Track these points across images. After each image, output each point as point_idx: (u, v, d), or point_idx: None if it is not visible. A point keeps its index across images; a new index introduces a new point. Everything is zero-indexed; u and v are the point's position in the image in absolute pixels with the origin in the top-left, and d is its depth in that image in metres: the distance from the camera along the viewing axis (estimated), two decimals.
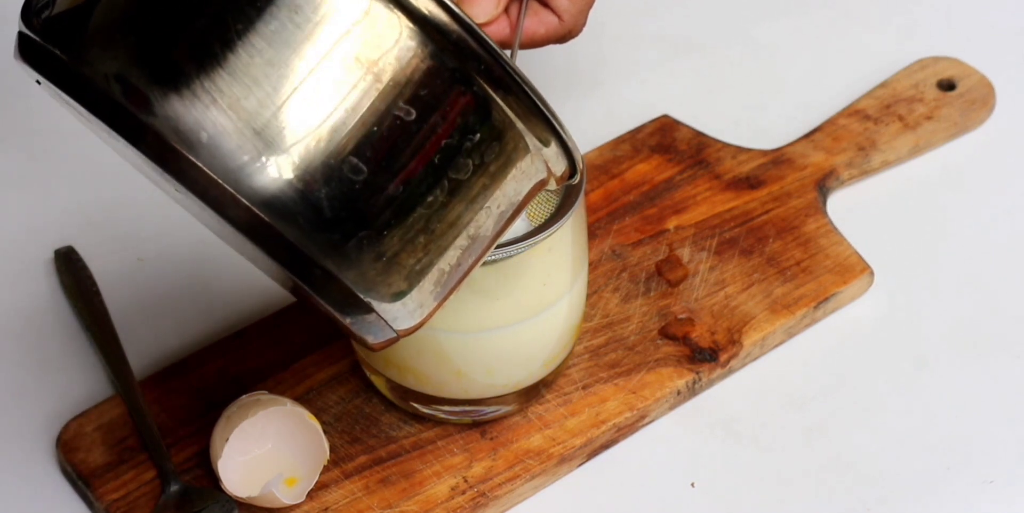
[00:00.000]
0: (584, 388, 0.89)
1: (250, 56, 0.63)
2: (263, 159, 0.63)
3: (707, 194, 0.98)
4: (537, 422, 0.88)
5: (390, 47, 0.64)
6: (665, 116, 1.02)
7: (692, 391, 0.90)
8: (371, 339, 0.69)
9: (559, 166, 0.71)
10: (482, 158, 0.67)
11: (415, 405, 0.88)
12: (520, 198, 0.70)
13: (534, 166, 0.69)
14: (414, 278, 0.68)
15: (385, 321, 0.69)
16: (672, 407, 0.90)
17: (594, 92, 1.06)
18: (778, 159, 1.00)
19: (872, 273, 0.95)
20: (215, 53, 0.63)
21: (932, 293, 0.96)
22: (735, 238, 0.96)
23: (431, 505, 0.85)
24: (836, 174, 0.99)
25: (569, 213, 0.79)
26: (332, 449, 0.87)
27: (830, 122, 1.02)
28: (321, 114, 0.64)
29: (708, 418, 0.90)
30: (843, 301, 0.95)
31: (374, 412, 0.89)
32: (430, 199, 0.66)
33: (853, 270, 0.94)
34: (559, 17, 0.85)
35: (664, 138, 1.01)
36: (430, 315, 0.70)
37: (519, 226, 0.82)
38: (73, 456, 0.87)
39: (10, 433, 0.90)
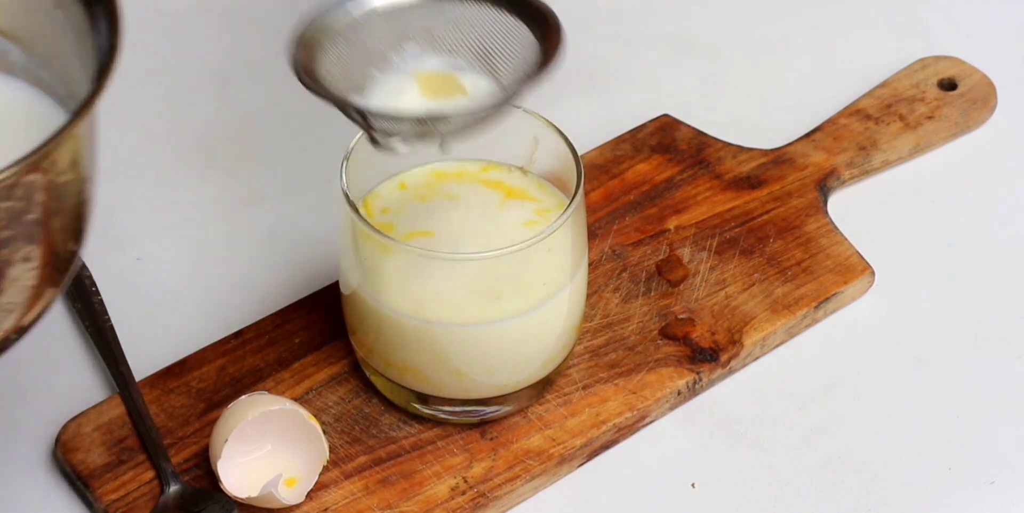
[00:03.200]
0: (584, 388, 0.89)
1: None
2: None
3: (707, 194, 0.98)
4: (537, 422, 0.88)
5: None
6: (665, 115, 1.02)
7: (692, 391, 0.90)
8: None
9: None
10: None
11: (415, 405, 0.87)
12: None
13: None
14: None
15: None
16: (672, 407, 0.90)
17: (594, 92, 1.06)
18: (779, 159, 1.00)
19: (873, 273, 0.95)
20: None
21: (933, 293, 0.96)
22: (736, 238, 0.96)
23: (431, 505, 0.85)
24: (837, 174, 0.99)
25: (568, 213, 0.79)
26: (332, 449, 0.87)
27: (831, 122, 1.02)
28: None
29: (708, 418, 0.90)
30: (844, 301, 0.94)
31: (374, 412, 0.89)
32: None
33: (854, 270, 0.94)
34: None
35: (664, 138, 1.01)
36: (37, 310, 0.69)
37: None
38: (72, 456, 0.87)
39: (9, 433, 0.90)
